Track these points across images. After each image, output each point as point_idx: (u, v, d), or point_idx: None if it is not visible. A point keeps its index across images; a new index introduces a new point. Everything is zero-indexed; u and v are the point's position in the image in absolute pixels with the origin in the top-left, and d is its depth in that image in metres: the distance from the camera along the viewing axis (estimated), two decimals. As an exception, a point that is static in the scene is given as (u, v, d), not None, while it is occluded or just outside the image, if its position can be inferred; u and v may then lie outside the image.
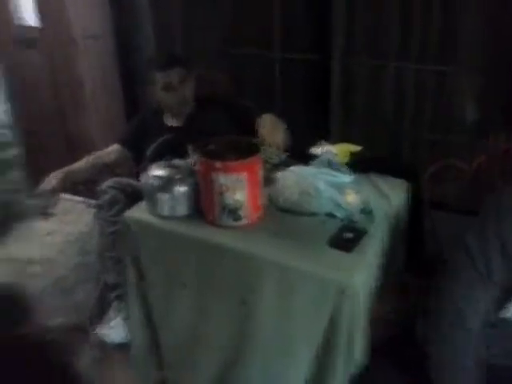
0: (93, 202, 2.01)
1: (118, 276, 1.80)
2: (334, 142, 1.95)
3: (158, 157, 1.69)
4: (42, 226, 2.48)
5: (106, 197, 1.86)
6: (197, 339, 1.61)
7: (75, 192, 2.37)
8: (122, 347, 1.78)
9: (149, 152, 1.76)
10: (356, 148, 1.88)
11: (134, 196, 1.79)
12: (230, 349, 1.56)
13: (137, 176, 1.88)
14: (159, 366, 1.72)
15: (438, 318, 1.25)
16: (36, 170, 2.36)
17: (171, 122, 2.10)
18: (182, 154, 1.67)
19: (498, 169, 1.51)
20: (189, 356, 1.64)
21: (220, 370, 1.60)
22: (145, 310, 1.66)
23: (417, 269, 1.54)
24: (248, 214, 1.50)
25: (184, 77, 1.99)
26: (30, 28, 2.86)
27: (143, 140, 2.00)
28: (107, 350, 1.79)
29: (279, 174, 1.65)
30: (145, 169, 1.63)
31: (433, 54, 2.26)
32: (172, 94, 1.99)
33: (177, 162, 1.63)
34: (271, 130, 1.88)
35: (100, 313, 1.87)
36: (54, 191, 1.88)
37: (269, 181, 1.65)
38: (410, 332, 1.32)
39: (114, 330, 1.81)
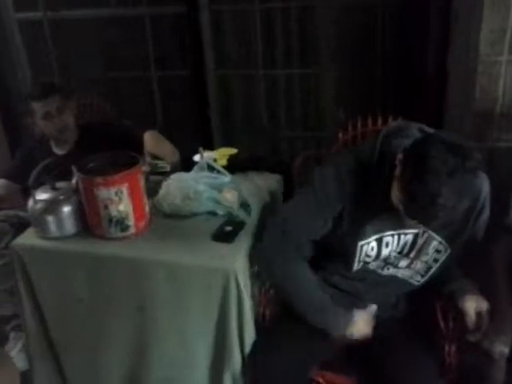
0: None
1: (13, 307, 1.79)
2: (215, 148, 2.09)
3: (42, 183, 1.72)
4: None
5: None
6: (99, 353, 1.64)
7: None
8: (23, 376, 1.77)
9: (31, 179, 1.78)
10: (233, 151, 2.02)
11: (21, 226, 1.80)
12: (134, 357, 1.62)
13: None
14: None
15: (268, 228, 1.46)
16: None
17: (58, 150, 2.12)
18: (68, 179, 1.71)
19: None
20: (93, 372, 1.67)
21: (126, 378, 1.65)
22: (44, 334, 1.67)
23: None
24: (134, 224, 1.58)
25: (62, 104, 2.00)
26: None
27: (32, 170, 2.00)
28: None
29: (163, 183, 1.75)
30: (29, 195, 1.65)
31: (296, 59, 2.48)
32: (51, 122, 1.99)
33: (59, 184, 1.67)
34: (156, 144, 1.98)
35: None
36: None
37: (155, 191, 1.74)
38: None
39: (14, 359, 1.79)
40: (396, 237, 1.38)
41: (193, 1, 2.39)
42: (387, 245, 1.38)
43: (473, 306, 1.36)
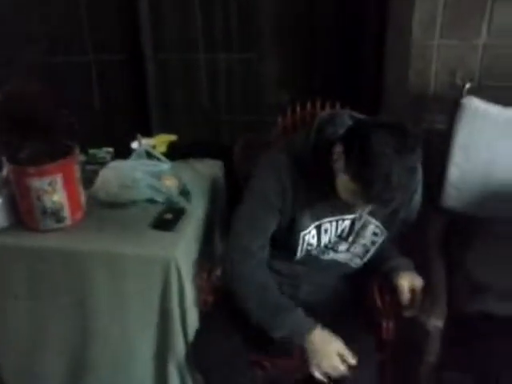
0: None
1: None
2: (154, 135, 2.05)
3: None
4: None
5: None
6: (38, 348, 1.60)
7: None
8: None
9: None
10: (173, 138, 2.00)
11: None
12: (75, 351, 1.58)
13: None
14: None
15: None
16: None
17: None
18: None
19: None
20: (31, 367, 1.63)
21: (67, 375, 1.62)
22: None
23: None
24: (70, 214, 1.53)
25: None
26: None
27: None
28: None
29: (100, 172, 1.70)
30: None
31: (237, 43, 2.46)
32: None
33: (-13, 175, 1.59)
34: None
35: None
36: None
37: (92, 180, 1.69)
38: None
39: None
40: (334, 223, 1.40)
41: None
42: (326, 231, 1.41)
43: (407, 282, 1.41)
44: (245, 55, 2.46)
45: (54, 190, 1.48)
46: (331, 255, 1.46)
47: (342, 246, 1.45)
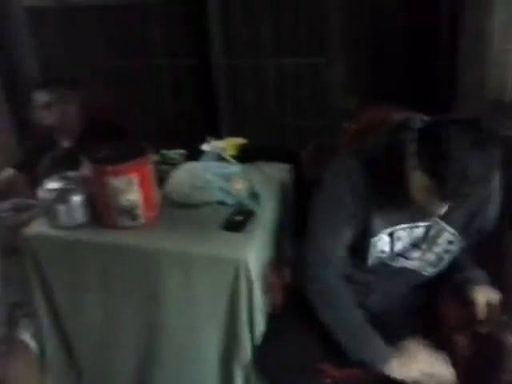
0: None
1: (23, 294, 1.80)
2: (224, 137, 2.09)
3: (51, 173, 1.72)
4: None
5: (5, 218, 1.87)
6: (110, 341, 1.66)
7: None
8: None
9: (40, 168, 1.79)
10: (243, 141, 2.02)
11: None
12: (144, 345, 1.62)
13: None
14: (76, 373, 1.75)
15: (304, 259, 1.40)
16: None
17: (63, 142, 2.12)
18: (75, 168, 1.71)
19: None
20: (104, 359, 1.69)
21: (136, 368, 1.66)
22: (55, 321, 1.69)
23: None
24: (144, 213, 1.58)
25: (62, 96, 2.02)
26: None
27: (38, 162, 2.03)
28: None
29: (172, 172, 1.75)
30: (39, 185, 1.66)
31: (305, 48, 2.46)
32: (50, 112, 2.01)
33: (69, 173, 1.67)
34: None
35: (8, 334, 1.85)
36: None
37: (165, 180, 1.74)
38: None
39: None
40: (408, 230, 1.37)
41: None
42: (399, 238, 1.37)
43: (483, 296, 1.35)
44: (313, 60, 2.46)
45: (130, 188, 1.53)
46: (402, 262, 1.42)
47: (415, 254, 1.41)
